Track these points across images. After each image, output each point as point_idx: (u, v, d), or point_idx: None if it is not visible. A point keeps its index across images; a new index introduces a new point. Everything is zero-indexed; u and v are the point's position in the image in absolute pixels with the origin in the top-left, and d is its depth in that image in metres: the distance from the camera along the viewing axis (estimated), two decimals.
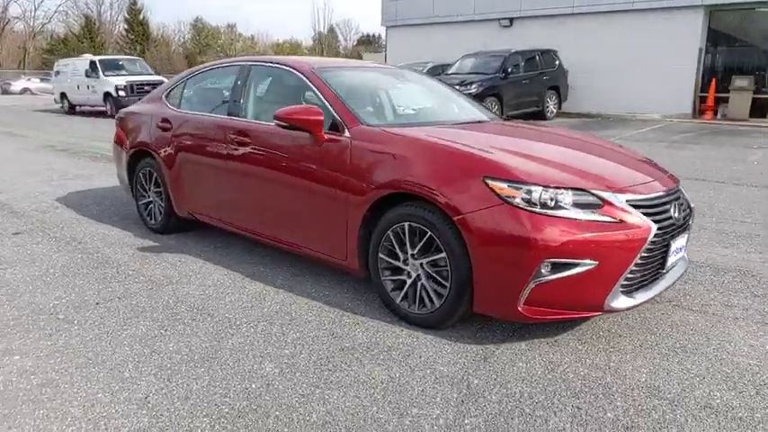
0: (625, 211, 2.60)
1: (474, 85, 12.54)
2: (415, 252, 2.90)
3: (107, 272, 3.86)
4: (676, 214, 2.85)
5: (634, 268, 2.61)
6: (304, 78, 3.58)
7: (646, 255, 2.63)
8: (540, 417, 2.19)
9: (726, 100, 13.90)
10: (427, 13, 19.61)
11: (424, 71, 15.75)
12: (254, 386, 2.43)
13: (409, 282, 2.96)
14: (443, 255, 2.76)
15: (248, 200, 3.79)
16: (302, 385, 2.43)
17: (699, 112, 14.46)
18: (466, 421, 2.17)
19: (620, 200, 2.63)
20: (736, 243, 4.45)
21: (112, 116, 17.69)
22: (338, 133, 3.24)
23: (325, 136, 3.25)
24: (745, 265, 3.96)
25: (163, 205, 4.61)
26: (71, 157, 9.39)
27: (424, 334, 2.88)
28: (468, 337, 2.86)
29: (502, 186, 2.58)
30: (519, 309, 2.58)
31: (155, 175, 4.64)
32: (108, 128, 14.66)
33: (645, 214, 2.65)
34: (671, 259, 2.85)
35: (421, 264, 2.89)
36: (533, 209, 2.53)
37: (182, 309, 3.24)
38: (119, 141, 5.15)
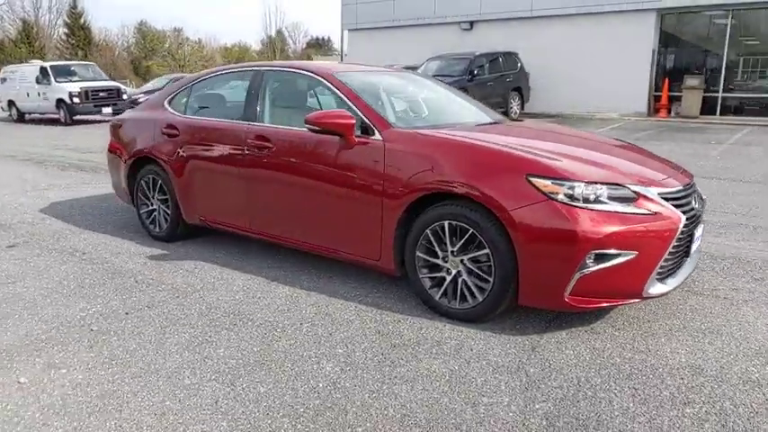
0: (658, 203, 2.79)
1: None
2: (456, 249, 3.00)
3: (125, 282, 3.79)
4: (696, 205, 3.07)
5: (668, 257, 2.79)
6: (327, 83, 3.62)
7: (677, 243, 2.82)
8: (604, 398, 2.33)
9: (678, 98, 14.67)
10: (388, 16, 19.78)
11: None
12: (320, 385, 2.47)
13: (449, 278, 3.06)
14: (486, 251, 2.87)
15: (272, 205, 3.80)
16: (368, 382, 2.49)
17: (654, 110, 15.20)
18: (537, 407, 2.29)
19: (652, 193, 2.81)
20: (723, 232, 4.76)
21: (66, 123, 17.08)
22: (369, 136, 3.30)
23: (356, 139, 3.31)
24: (737, 252, 4.25)
25: (169, 213, 4.55)
26: (38, 167, 9.02)
27: (467, 328, 2.99)
28: (510, 328, 2.98)
29: (546, 183, 2.72)
30: (566, 299, 2.72)
31: (159, 182, 4.57)
32: (64, 135, 14.15)
33: (673, 206, 2.84)
34: (693, 247, 3.06)
35: (461, 260, 2.99)
36: (576, 204, 2.68)
37: (217, 315, 3.23)
38: (115, 149, 5.03)
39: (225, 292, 3.58)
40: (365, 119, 3.34)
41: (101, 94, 17.30)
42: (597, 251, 2.64)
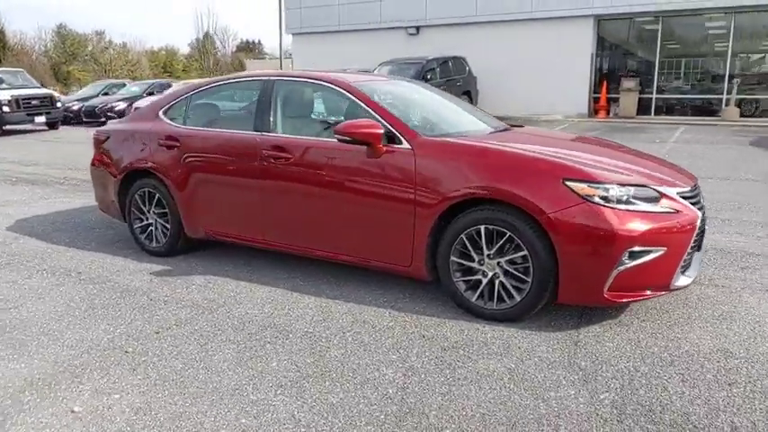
0: (678, 201, 3.03)
1: None
2: (492, 252, 3.13)
3: (138, 300, 3.66)
4: (703, 202, 3.34)
5: (689, 250, 3.03)
6: (347, 93, 3.66)
7: (695, 238, 3.06)
8: (658, 385, 2.52)
9: (616, 100, 15.61)
10: (333, 20, 19.80)
11: None
12: (390, 391, 2.52)
13: (485, 281, 3.18)
14: (524, 253, 3.01)
15: (291, 216, 3.78)
16: (435, 385, 2.56)
17: (594, 111, 16.07)
18: (601, 397, 2.44)
19: (672, 192, 3.05)
20: None
21: None
22: (395, 145, 3.37)
23: (384, 148, 3.37)
24: (715, 244, 4.61)
25: (168, 227, 4.42)
26: None
27: (506, 328, 3.11)
28: (546, 326, 3.14)
29: (582, 187, 2.89)
30: (605, 295, 2.90)
31: (157, 195, 4.43)
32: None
33: (690, 204, 3.09)
34: (703, 241, 3.33)
35: (498, 263, 3.12)
36: (610, 205, 2.87)
37: (253, 329, 3.20)
38: (101, 163, 4.83)
39: (250, 305, 3.54)
40: (391, 128, 3.41)
41: (33, 102, 16.32)
42: (632, 249, 2.84)
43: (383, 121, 3.44)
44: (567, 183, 2.91)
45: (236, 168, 3.96)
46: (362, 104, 3.57)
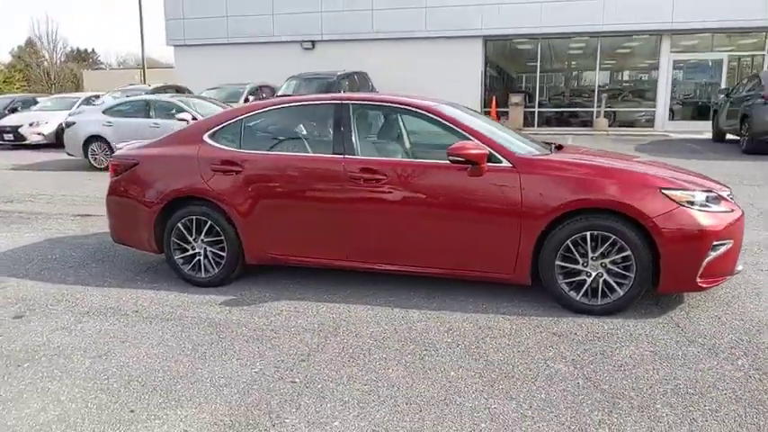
0: (731, 202, 3.75)
1: None
2: (596, 255, 3.59)
3: (241, 332, 3.56)
4: None
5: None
6: (436, 118, 3.91)
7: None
8: (763, 349, 3.15)
9: (505, 114, 17.22)
10: (221, 32, 19.22)
11: (245, 92, 15.59)
12: (580, 382, 2.86)
13: (589, 280, 3.63)
14: (627, 253, 3.52)
15: (383, 235, 3.90)
16: (609, 371, 2.95)
17: None
18: (740, 362, 3.01)
19: (725, 195, 3.76)
20: None
21: None
22: (495, 164, 3.71)
23: (486, 167, 3.68)
24: None
25: (224, 255, 4.26)
26: None
27: (614, 319, 3.58)
28: (645, 314, 3.65)
29: (676, 194, 3.48)
30: (698, 283, 3.51)
31: (209, 223, 4.25)
32: None
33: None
34: None
35: (602, 263, 3.59)
36: (696, 208, 3.49)
37: (395, 345, 3.32)
38: (126, 192, 4.49)
39: (364, 325, 3.62)
40: (490, 149, 3.73)
41: None
42: (715, 242, 3.48)
43: (480, 142, 3.76)
44: (664, 191, 3.49)
45: (316, 191, 3.99)
46: (457, 128, 3.85)
